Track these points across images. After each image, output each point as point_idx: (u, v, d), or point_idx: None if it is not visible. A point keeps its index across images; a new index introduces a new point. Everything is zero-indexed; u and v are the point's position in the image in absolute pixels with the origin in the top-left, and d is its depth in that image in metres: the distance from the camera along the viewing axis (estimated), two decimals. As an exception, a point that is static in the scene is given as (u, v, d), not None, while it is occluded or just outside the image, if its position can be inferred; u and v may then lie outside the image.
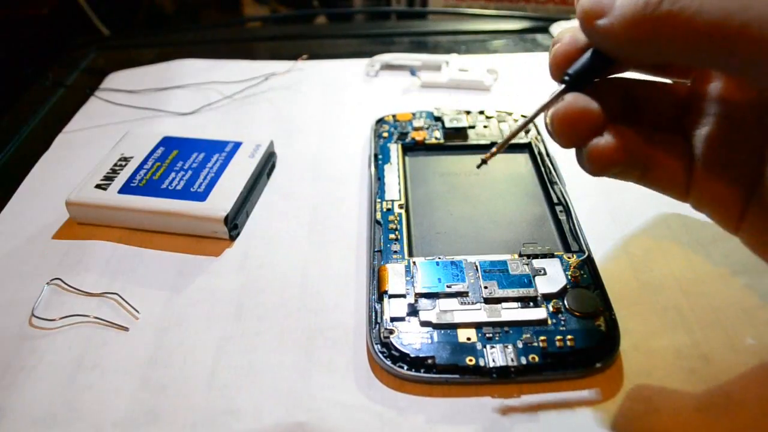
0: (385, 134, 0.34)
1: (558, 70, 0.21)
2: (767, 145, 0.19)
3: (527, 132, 0.34)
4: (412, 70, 0.42)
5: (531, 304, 0.23)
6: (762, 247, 0.19)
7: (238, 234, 0.29)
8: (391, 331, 0.23)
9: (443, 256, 0.26)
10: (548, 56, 0.21)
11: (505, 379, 0.21)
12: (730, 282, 0.25)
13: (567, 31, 0.21)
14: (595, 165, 0.20)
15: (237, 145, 0.32)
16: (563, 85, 0.20)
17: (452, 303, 0.23)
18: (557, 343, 0.22)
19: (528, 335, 0.22)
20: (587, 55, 0.20)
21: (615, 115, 0.22)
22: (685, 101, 0.22)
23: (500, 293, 0.24)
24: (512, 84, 0.41)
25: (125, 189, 0.29)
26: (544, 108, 0.20)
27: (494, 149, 0.21)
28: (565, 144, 0.21)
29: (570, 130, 0.20)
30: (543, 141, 0.33)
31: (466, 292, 0.24)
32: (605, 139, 0.19)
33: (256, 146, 0.32)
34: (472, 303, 0.23)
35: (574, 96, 0.20)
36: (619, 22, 0.18)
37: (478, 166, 0.22)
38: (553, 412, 0.20)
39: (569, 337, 0.22)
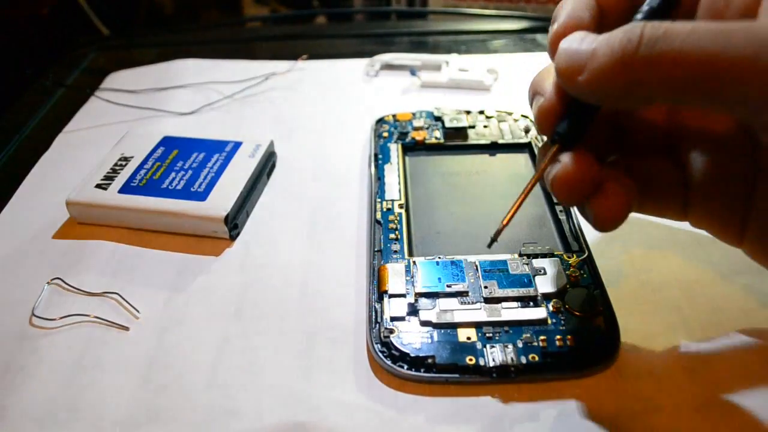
0: (385, 134, 0.34)
1: (545, 127, 0.20)
2: (759, 157, 0.19)
3: (527, 132, 0.34)
4: (412, 70, 0.42)
5: (531, 303, 0.23)
6: (764, 257, 0.19)
7: (238, 234, 0.29)
8: (391, 331, 0.23)
9: (443, 255, 0.26)
10: (532, 110, 0.21)
11: (505, 378, 0.21)
12: (730, 282, 0.25)
13: (545, 76, 0.21)
14: (606, 227, 0.20)
15: (237, 145, 0.32)
16: (556, 145, 0.20)
17: (452, 303, 0.24)
18: (557, 343, 0.22)
19: (528, 335, 0.22)
20: (573, 109, 0.19)
21: (604, 144, 0.22)
22: (670, 128, 0.22)
23: (500, 293, 0.24)
24: (512, 84, 0.41)
25: (125, 189, 0.29)
26: (542, 170, 0.20)
27: (503, 222, 0.21)
28: (567, 204, 0.21)
29: (570, 194, 0.20)
30: (543, 141, 0.33)
31: (466, 292, 0.24)
32: (610, 201, 0.19)
33: (257, 146, 0.32)
34: (472, 303, 0.23)
35: (569, 158, 0.19)
36: (599, 75, 0.17)
37: (489, 246, 0.22)
38: (552, 412, 0.20)
39: (569, 336, 0.22)
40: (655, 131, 0.22)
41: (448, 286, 0.24)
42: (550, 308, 0.23)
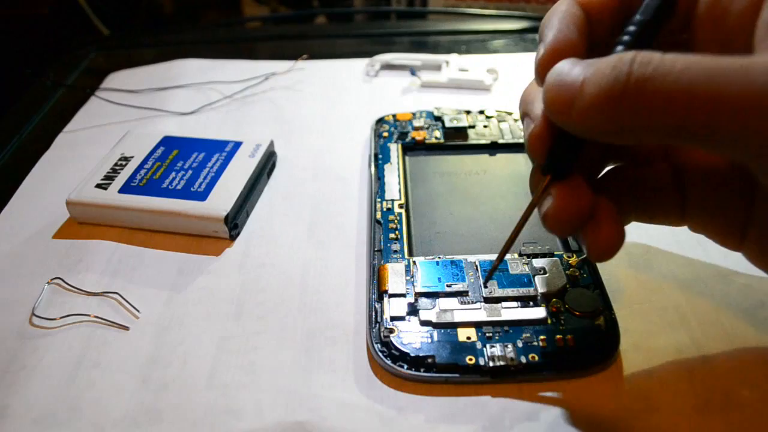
0: (385, 134, 0.34)
1: (536, 155, 0.20)
2: (754, 165, 0.19)
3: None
4: (412, 70, 0.42)
5: (531, 303, 0.23)
6: (764, 262, 0.19)
7: (238, 233, 0.29)
8: (391, 331, 0.23)
9: (443, 255, 0.26)
10: (523, 131, 0.20)
11: (505, 378, 0.21)
12: (730, 282, 0.25)
13: (534, 96, 0.20)
14: (602, 257, 0.19)
15: (237, 145, 0.32)
16: (547, 176, 0.19)
17: (452, 302, 0.24)
18: (557, 343, 0.22)
19: (528, 334, 0.22)
20: (562, 140, 0.19)
21: (600, 154, 0.22)
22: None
23: (500, 293, 0.24)
24: (512, 84, 0.41)
25: (126, 188, 0.29)
26: (534, 204, 0.20)
27: (495, 262, 0.22)
28: (561, 236, 0.21)
29: (563, 229, 0.19)
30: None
31: (466, 292, 0.24)
32: (604, 233, 0.19)
33: (257, 146, 0.32)
34: (472, 302, 0.23)
35: (560, 192, 0.19)
36: (587, 112, 0.16)
37: (485, 284, 0.23)
38: (552, 412, 0.20)
39: (569, 336, 0.22)
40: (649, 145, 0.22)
41: (448, 286, 0.24)
42: (550, 308, 0.23)
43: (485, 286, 0.23)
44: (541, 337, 0.22)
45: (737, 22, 0.18)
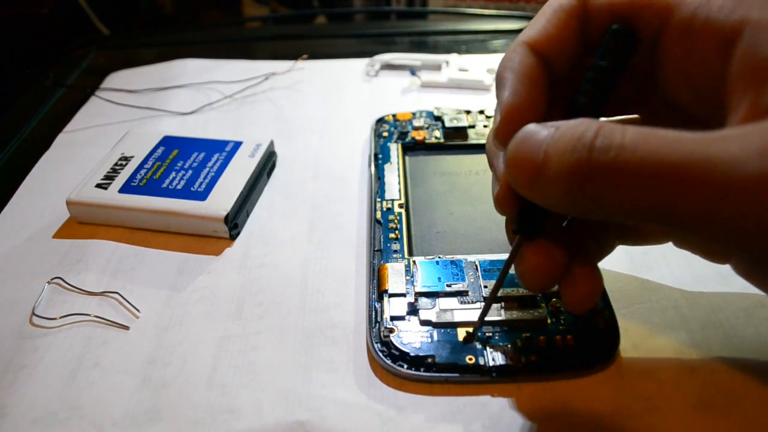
0: (385, 134, 0.34)
1: (505, 215, 0.20)
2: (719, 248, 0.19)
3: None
4: (412, 70, 0.42)
5: (530, 303, 0.23)
6: (752, 279, 0.19)
7: (238, 233, 0.29)
8: (391, 330, 0.23)
9: (443, 255, 0.26)
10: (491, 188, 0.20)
11: (505, 377, 0.21)
12: (730, 282, 0.25)
13: (496, 150, 0.20)
14: (580, 311, 0.20)
15: (237, 145, 0.32)
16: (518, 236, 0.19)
17: (452, 302, 0.24)
18: (557, 343, 0.22)
19: (527, 334, 0.22)
20: (528, 207, 0.19)
21: None
22: None
23: (500, 292, 0.24)
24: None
25: (126, 188, 0.29)
26: (510, 261, 0.20)
27: (478, 322, 0.22)
28: (538, 293, 0.21)
29: (537, 286, 0.19)
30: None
31: (466, 291, 0.24)
32: (579, 290, 0.19)
33: (257, 146, 0.32)
34: (472, 302, 0.23)
35: (532, 254, 0.19)
36: (550, 188, 0.16)
37: (468, 342, 0.22)
38: (552, 411, 0.20)
39: (569, 336, 0.22)
40: None
41: (448, 286, 0.24)
42: (550, 308, 0.23)
43: (468, 343, 0.22)
44: (541, 337, 0.22)
45: (705, 60, 0.17)
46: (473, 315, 0.23)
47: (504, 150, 0.18)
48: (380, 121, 0.35)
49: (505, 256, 0.25)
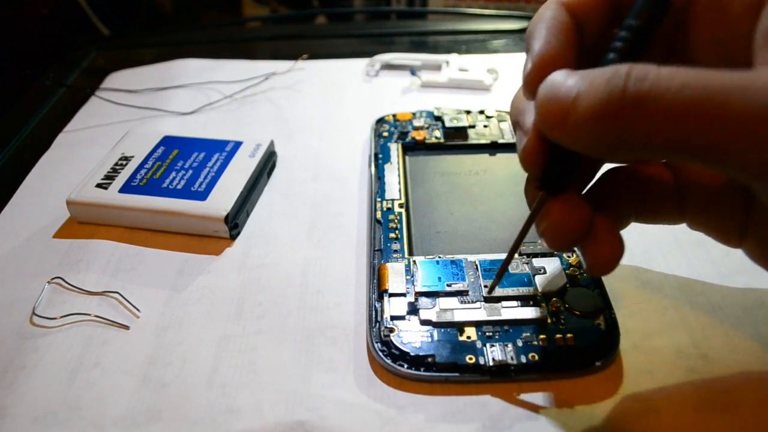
0: (386, 134, 0.34)
1: (531, 170, 0.19)
2: (754, 185, 0.19)
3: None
4: (412, 70, 0.42)
5: (531, 302, 0.23)
6: (766, 261, 0.19)
7: (238, 233, 0.29)
8: (391, 330, 0.23)
9: (443, 255, 0.26)
10: (516, 142, 0.20)
11: (505, 377, 0.21)
12: (730, 281, 0.25)
13: (525, 106, 0.19)
14: (602, 272, 0.19)
15: (237, 145, 0.32)
16: (542, 192, 0.19)
17: (452, 302, 0.24)
18: (557, 342, 0.22)
19: (528, 334, 0.22)
20: (557, 155, 0.18)
21: (594, 162, 0.22)
22: None
23: (500, 292, 0.24)
24: (512, 84, 0.41)
25: (126, 188, 0.29)
26: (531, 219, 0.20)
27: (497, 275, 0.23)
28: (559, 252, 0.21)
29: (561, 245, 0.19)
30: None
31: (466, 291, 0.24)
32: (602, 248, 0.19)
33: (257, 146, 0.32)
34: (472, 302, 0.23)
35: (558, 209, 0.19)
36: (581, 127, 0.16)
37: (490, 292, 0.23)
38: (552, 411, 0.20)
39: (569, 335, 0.22)
40: None
41: (448, 286, 0.24)
42: (550, 307, 0.23)
43: (490, 293, 0.23)
44: (541, 336, 0.22)
45: (735, 24, 0.17)
46: (473, 315, 0.23)
47: (533, 99, 0.18)
48: (380, 121, 0.35)
49: (505, 257, 0.25)
